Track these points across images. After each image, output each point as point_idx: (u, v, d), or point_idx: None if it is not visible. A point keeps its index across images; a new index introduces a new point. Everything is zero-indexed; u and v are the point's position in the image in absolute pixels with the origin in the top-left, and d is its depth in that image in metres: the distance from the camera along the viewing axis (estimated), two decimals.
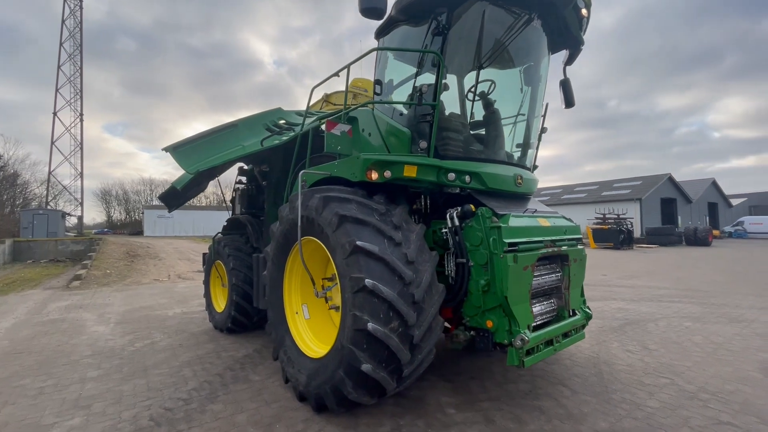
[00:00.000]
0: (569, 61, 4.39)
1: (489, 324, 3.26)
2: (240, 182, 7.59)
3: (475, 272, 3.36)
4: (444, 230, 3.58)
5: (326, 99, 6.56)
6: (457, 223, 3.45)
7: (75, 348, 5.31)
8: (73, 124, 44.42)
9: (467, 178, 3.54)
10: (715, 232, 32.06)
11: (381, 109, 4.19)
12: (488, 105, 4.01)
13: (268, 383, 4.04)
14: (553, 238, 3.66)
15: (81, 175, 44.50)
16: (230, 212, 9.82)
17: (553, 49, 4.22)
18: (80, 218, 44.15)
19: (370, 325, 2.79)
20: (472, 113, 3.82)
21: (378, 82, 4.19)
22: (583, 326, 3.90)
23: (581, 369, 4.40)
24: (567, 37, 4.11)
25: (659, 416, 3.32)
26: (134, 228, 60.27)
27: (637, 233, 32.80)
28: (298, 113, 6.06)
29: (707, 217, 47.16)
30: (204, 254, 7.27)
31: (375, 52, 4.01)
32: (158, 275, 12.99)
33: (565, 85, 4.46)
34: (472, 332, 3.49)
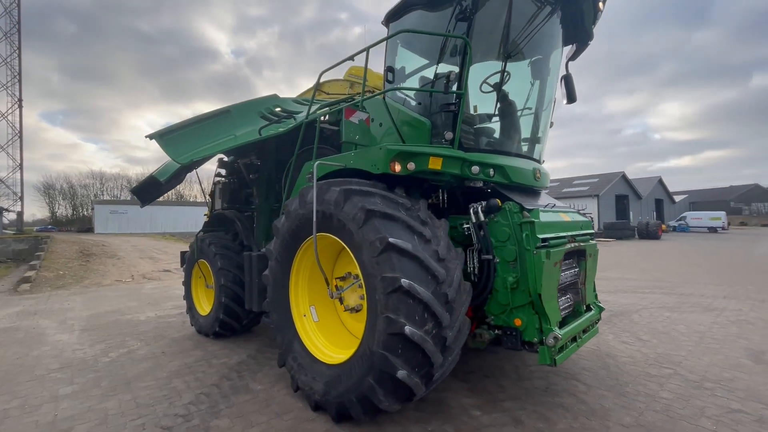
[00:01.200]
0: (574, 56, 4.36)
1: (517, 322, 3.16)
2: (219, 175, 7.10)
3: (501, 269, 3.24)
4: (465, 226, 3.43)
5: (318, 88, 6.20)
6: (482, 218, 3.31)
7: (38, 361, 4.68)
8: (10, 111, 40.16)
9: (491, 171, 3.40)
10: (663, 227, 34.61)
11: (392, 98, 3.97)
12: (504, 97, 3.89)
13: (273, 392, 3.73)
14: (574, 233, 3.63)
15: (21, 167, 40.39)
16: (209, 208, 9.24)
17: (564, 41, 4.17)
18: (20, 214, 40.12)
19: (408, 329, 2.58)
20: (497, 105, 3.67)
21: (390, 69, 3.95)
22: (597, 321, 3.92)
23: (588, 362, 4.45)
24: (579, 30, 4.07)
25: (676, 407, 3.38)
26: (83, 225, 55.87)
27: (595, 228, 34.77)
28: (296, 101, 5.67)
29: (654, 212, 50.87)
30: (183, 253, 6.71)
31: (385, 38, 3.78)
32: (120, 276, 11.98)
33: (568, 80, 4.43)
34: (496, 331, 3.39)
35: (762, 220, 62.52)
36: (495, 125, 3.72)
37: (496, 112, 3.68)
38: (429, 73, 4.08)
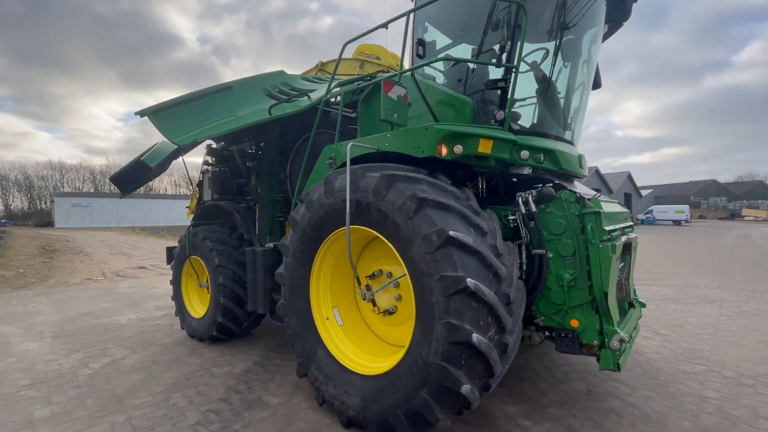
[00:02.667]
0: (605, 37, 4.09)
1: (574, 323, 2.86)
2: (207, 163, 6.49)
3: (555, 265, 2.93)
4: (511, 217, 3.09)
5: (321, 67, 5.69)
6: (533, 208, 2.98)
7: (4, 376, 4.01)
8: None
9: (542, 156, 3.07)
10: (634, 220, 36.04)
11: (422, 75, 3.57)
12: (544, 76, 3.56)
13: (293, 406, 3.29)
14: (623, 225, 3.37)
15: None
16: (194, 199, 8.55)
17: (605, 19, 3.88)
18: None
19: (476, 337, 2.22)
20: (550, 83, 3.32)
21: (421, 42, 3.53)
22: (639, 318, 3.70)
23: None
24: (619, 8, 3.79)
25: (728, 408, 3.21)
26: (41, 218, 52.21)
27: None
28: (305, 78, 5.14)
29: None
30: (170, 249, 6.07)
31: (409, 12, 3.34)
32: (89, 274, 11.01)
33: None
34: (546, 332, 3.09)
35: (719, 213, 66.40)
36: (538, 107, 3.38)
37: (539, 93, 3.34)
38: (458, 52, 3.71)
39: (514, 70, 2.91)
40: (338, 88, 4.06)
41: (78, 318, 6.29)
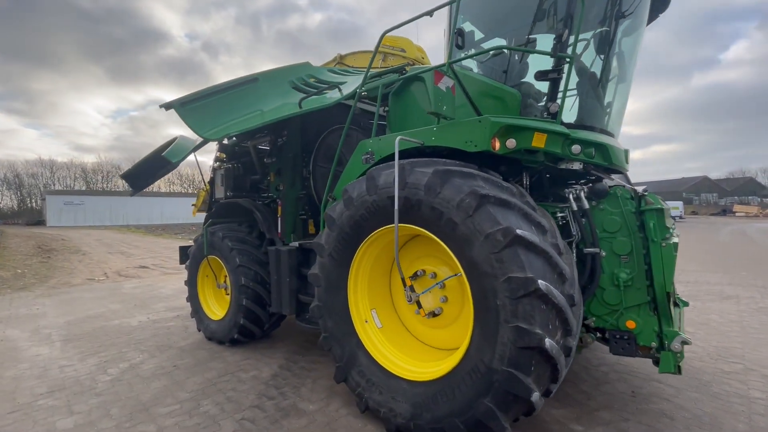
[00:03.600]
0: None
1: (630, 325, 2.75)
2: (219, 160, 6.30)
3: (608, 264, 2.82)
4: (560, 214, 2.97)
5: (340, 60, 5.51)
6: (585, 205, 2.86)
7: (18, 383, 3.82)
8: None
9: (593, 151, 2.95)
10: None
11: (459, 67, 3.42)
12: (584, 68, 3.43)
13: (332, 413, 3.15)
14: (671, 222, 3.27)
15: None
16: (203, 197, 8.35)
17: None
18: None
19: (548, 342, 2.09)
20: (601, 74, 3.19)
21: (460, 32, 3.37)
22: (683, 317, 3.61)
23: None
24: None
25: None
26: (32, 217, 51.25)
27: None
28: (331, 70, 4.95)
29: None
30: (183, 248, 5.89)
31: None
32: (91, 274, 10.73)
33: None
34: (598, 333, 2.98)
35: (710, 209, 67.24)
36: (586, 99, 3.25)
37: (587, 85, 3.21)
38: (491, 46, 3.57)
39: (568, 60, 2.77)
40: (375, 81, 3.88)
41: (86, 320, 6.07)
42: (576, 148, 2.87)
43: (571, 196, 2.91)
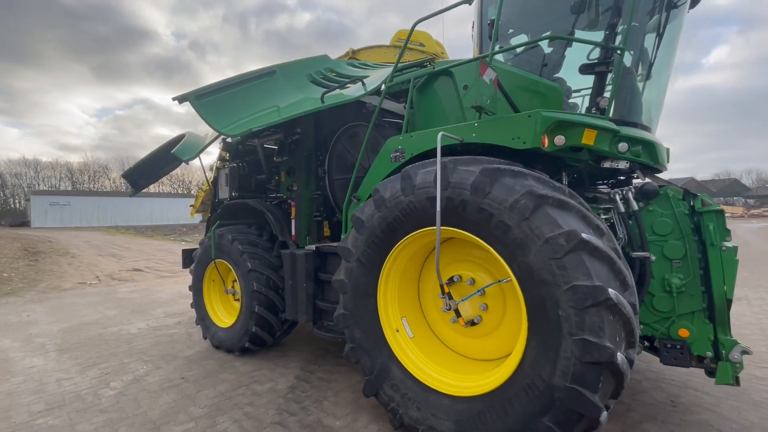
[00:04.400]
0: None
1: (683, 333, 2.59)
2: (223, 159, 6.05)
3: (658, 269, 2.66)
4: (604, 216, 2.81)
5: (353, 55, 5.29)
6: (634, 206, 2.70)
7: (13, 399, 3.51)
8: None
9: (639, 149, 2.78)
10: None
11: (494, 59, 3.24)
12: (637, 60, 3.26)
13: (360, 429, 2.93)
14: None
15: None
16: (204, 198, 8.08)
17: None
18: None
19: (620, 356, 1.91)
20: (648, 69, 3.03)
21: (492, 24, 3.19)
22: None
23: None
24: None
25: None
26: (15, 218, 49.76)
27: None
28: (350, 64, 4.72)
29: None
30: (187, 251, 5.61)
31: None
32: (82, 277, 10.31)
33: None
34: (645, 342, 2.82)
35: None
36: (628, 93, 3.09)
37: (631, 78, 3.05)
38: (519, 41, 3.40)
39: (619, 51, 2.60)
40: (405, 74, 3.67)
41: (81, 328, 5.74)
42: (623, 146, 2.70)
43: (617, 197, 2.75)
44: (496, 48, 3.19)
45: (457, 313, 2.73)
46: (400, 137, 3.11)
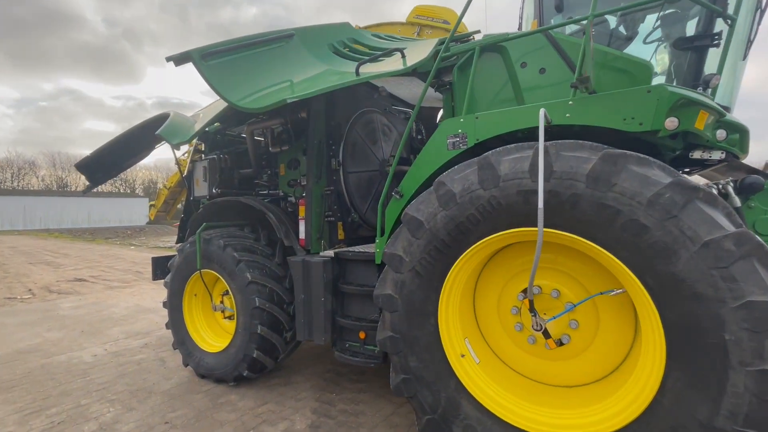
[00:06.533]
0: None
1: None
2: (198, 150, 5.21)
3: None
4: None
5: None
6: (737, 202, 2.36)
7: None
8: None
9: (736, 137, 2.45)
10: None
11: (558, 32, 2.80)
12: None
13: None
14: None
15: None
16: (162, 196, 7.07)
17: None
18: None
19: None
20: (747, 47, 2.69)
21: None
22: None
23: None
24: None
25: None
26: None
27: None
28: (375, 35, 4.05)
29: None
30: (157, 259, 4.67)
31: None
32: (9, 291, 8.66)
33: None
34: None
35: None
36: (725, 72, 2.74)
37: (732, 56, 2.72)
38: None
39: (729, 22, 2.24)
40: (459, 46, 3.11)
41: (17, 358, 4.58)
42: (721, 134, 2.35)
43: (715, 191, 2.39)
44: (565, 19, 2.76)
45: (546, 334, 2.23)
46: (459, 119, 2.56)
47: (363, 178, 4.12)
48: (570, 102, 2.19)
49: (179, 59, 2.24)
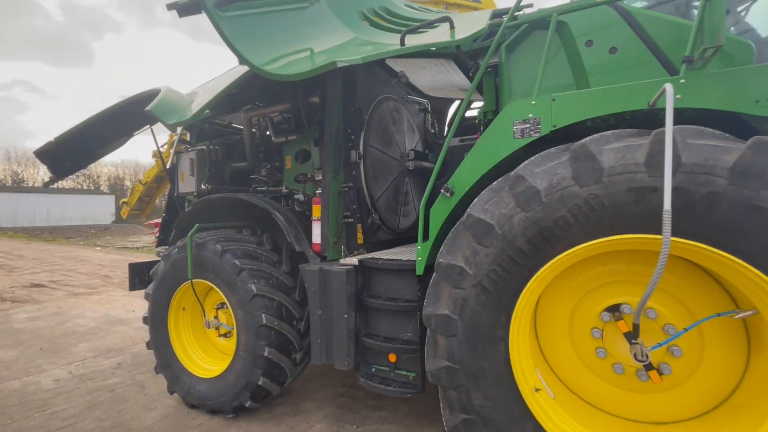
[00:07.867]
0: None
1: None
2: (185, 141, 4.68)
3: None
4: None
5: None
6: None
7: None
8: None
9: None
10: None
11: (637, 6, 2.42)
12: None
13: None
14: None
15: None
16: (137, 192, 6.38)
17: None
18: None
19: None
20: None
21: None
22: None
23: None
24: None
25: None
26: None
27: None
28: (408, 5, 3.52)
29: None
30: (135, 265, 4.01)
31: None
32: None
33: None
34: None
35: None
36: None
37: None
38: None
39: None
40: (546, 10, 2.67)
41: None
42: None
43: None
44: None
45: (649, 366, 1.82)
46: (530, 101, 2.11)
47: (386, 175, 3.64)
48: (681, 80, 1.79)
49: (184, 8, 1.68)
